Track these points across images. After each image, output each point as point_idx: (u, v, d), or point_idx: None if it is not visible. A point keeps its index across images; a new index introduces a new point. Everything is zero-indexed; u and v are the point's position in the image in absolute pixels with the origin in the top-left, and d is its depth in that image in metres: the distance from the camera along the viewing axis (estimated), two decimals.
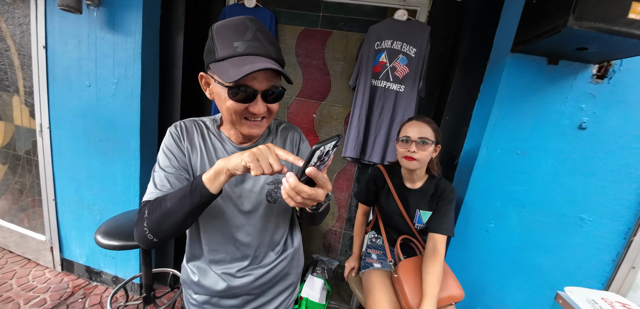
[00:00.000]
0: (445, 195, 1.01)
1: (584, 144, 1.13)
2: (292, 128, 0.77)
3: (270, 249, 0.75)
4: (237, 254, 0.71)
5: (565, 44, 0.96)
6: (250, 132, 0.61)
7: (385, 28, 1.38)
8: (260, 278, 0.73)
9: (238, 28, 0.54)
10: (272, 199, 0.70)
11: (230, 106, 0.56)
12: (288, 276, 0.80)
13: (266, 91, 0.57)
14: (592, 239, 1.21)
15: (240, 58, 0.53)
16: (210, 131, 0.69)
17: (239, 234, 0.70)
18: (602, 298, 0.74)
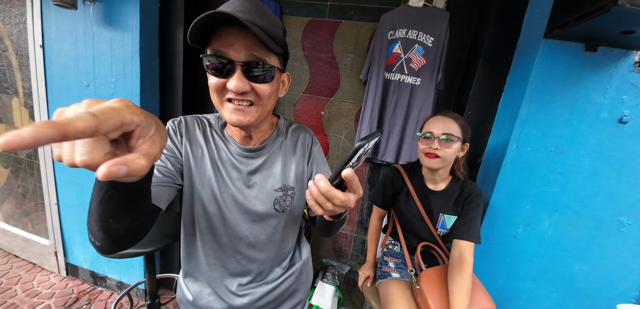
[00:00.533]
0: (472, 198, 0.92)
1: (625, 139, 1.02)
2: (304, 129, 0.70)
3: (276, 264, 0.68)
4: (237, 269, 0.63)
5: (610, 27, 0.85)
6: (232, 119, 0.52)
7: (400, 16, 1.27)
8: (264, 296, 0.66)
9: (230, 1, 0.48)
10: (281, 209, 0.63)
11: (211, 84, 0.50)
12: (296, 293, 0.73)
13: (247, 63, 0.48)
14: (631, 244, 1.10)
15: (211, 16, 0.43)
16: (213, 129, 0.62)
17: (240, 246, 0.62)
18: None
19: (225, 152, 0.60)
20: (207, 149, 0.59)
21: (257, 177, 0.61)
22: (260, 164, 0.62)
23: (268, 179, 0.62)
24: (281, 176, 0.62)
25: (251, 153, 0.61)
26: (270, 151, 0.63)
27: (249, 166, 0.61)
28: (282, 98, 1.60)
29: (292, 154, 0.65)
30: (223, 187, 0.59)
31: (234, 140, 0.61)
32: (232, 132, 0.62)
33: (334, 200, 0.38)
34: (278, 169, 0.63)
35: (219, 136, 0.61)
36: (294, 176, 0.64)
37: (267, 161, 0.62)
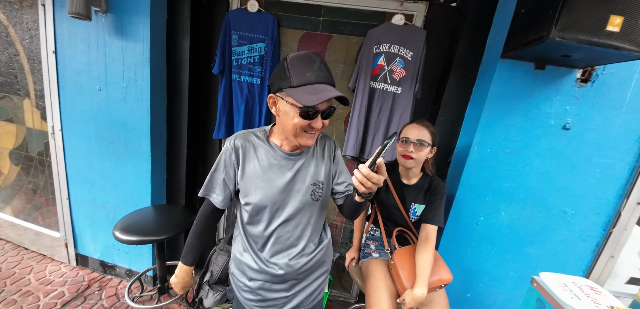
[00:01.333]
0: (437, 190, 1.10)
1: (569, 143, 1.22)
2: (328, 138, 0.90)
3: (311, 241, 0.86)
4: (290, 245, 0.83)
5: (550, 52, 1.04)
6: (306, 143, 0.73)
7: (384, 32, 1.44)
8: (304, 265, 0.84)
9: (308, 61, 0.69)
10: (315, 198, 0.81)
11: (297, 122, 0.69)
12: (324, 263, 0.92)
13: (325, 110, 0.71)
14: (575, 231, 1.31)
15: (312, 86, 0.67)
16: (261, 140, 0.81)
17: (290, 227, 0.81)
18: (573, 282, 0.83)
19: (273, 157, 0.79)
20: (257, 158, 0.79)
21: (300, 175, 0.80)
22: (300, 166, 0.81)
23: (306, 177, 0.81)
24: (315, 174, 0.81)
25: (294, 157, 0.80)
26: (307, 156, 0.82)
27: (293, 167, 0.80)
28: None
29: (321, 157, 0.85)
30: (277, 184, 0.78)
31: (280, 148, 0.80)
32: (280, 144, 0.80)
33: (372, 179, 0.59)
34: (312, 168, 0.82)
35: (266, 145, 0.80)
36: (323, 174, 0.83)
37: (304, 163, 0.81)
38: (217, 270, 1.68)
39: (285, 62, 0.69)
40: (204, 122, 1.81)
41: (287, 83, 0.68)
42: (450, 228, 1.37)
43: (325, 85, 0.68)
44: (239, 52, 1.61)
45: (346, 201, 0.83)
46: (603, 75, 1.16)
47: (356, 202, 0.73)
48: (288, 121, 0.71)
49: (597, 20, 0.86)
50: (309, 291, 0.89)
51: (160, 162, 1.71)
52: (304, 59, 0.68)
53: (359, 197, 0.69)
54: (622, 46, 0.87)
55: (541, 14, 0.93)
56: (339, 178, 0.87)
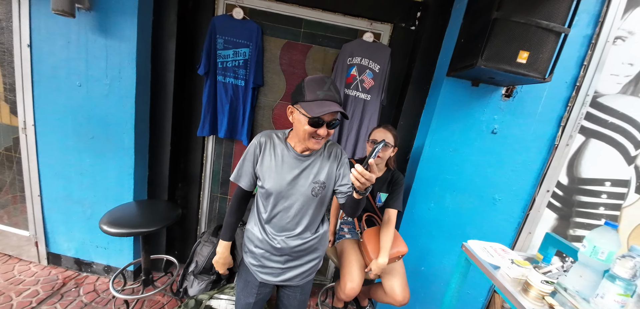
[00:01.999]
0: (397, 181, 1.36)
1: (496, 144, 1.56)
2: (336, 146, 1.07)
3: (308, 229, 1.03)
4: (288, 227, 1.00)
5: (480, 75, 1.34)
6: (313, 146, 0.91)
7: (356, 46, 1.67)
8: (299, 246, 1.02)
9: (320, 82, 0.87)
10: (314, 194, 0.98)
11: (307, 129, 0.87)
12: (317, 249, 1.09)
13: (329, 121, 0.88)
14: (502, 213, 1.67)
15: (321, 101, 0.84)
16: (281, 140, 0.99)
17: (290, 214, 0.99)
18: (490, 246, 1.13)
19: (287, 155, 0.97)
20: (274, 155, 0.97)
21: (305, 173, 0.97)
22: (307, 165, 0.98)
23: (310, 175, 0.97)
24: (317, 174, 0.98)
25: (303, 158, 0.97)
26: (313, 159, 0.99)
27: (302, 166, 0.97)
28: (262, 103, 1.90)
29: (327, 161, 1.00)
30: (284, 177, 0.96)
31: (292, 148, 0.98)
32: (294, 145, 0.98)
33: (365, 175, 0.76)
34: (316, 169, 0.98)
35: (283, 145, 0.99)
36: (326, 175, 0.99)
37: (310, 164, 0.98)
38: (202, 260, 1.79)
39: (303, 82, 0.88)
40: (187, 120, 1.88)
41: (301, 98, 0.87)
42: (408, 213, 1.65)
43: (331, 102, 0.85)
44: (224, 55, 1.73)
45: (347, 200, 0.97)
46: (521, 93, 1.51)
47: (355, 199, 0.89)
48: (300, 128, 0.89)
49: (511, 54, 1.16)
50: (301, 270, 1.07)
51: (142, 159, 1.76)
52: (317, 80, 0.87)
53: (357, 194, 0.87)
54: (528, 74, 1.19)
55: (472, 46, 1.22)
56: (342, 180, 1.00)
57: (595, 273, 0.89)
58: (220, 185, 2.04)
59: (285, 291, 1.11)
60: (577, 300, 0.89)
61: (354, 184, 0.80)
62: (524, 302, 0.84)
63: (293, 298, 1.11)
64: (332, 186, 1.02)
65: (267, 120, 1.90)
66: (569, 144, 1.60)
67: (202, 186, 2.02)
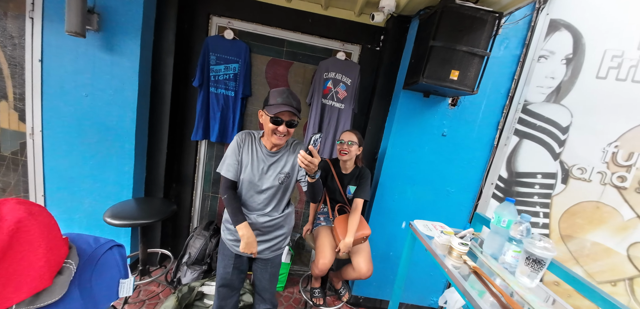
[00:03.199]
0: (364, 175, 1.64)
1: (447, 144, 1.88)
2: (300, 143, 1.32)
3: (275, 210, 1.27)
4: (258, 207, 1.24)
5: (428, 88, 1.66)
6: (277, 142, 1.15)
7: (331, 63, 1.97)
8: (267, 222, 1.25)
9: (280, 92, 1.12)
10: (280, 182, 1.23)
11: (270, 127, 1.12)
12: (283, 226, 1.32)
13: (288, 121, 1.12)
14: (456, 204, 1.98)
15: (278, 105, 1.09)
16: (256, 139, 1.24)
17: (260, 198, 1.22)
18: (433, 224, 1.42)
19: (261, 153, 1.20)
20: (251, 150, 1.20)
21: (273, 167, 1.22)
22: (275, 160, 1.22)
23: (277, 168, 1.22)
24: (283, 167, 1.22)
25: (272, 154, 1.21)
26: (281, 155, 1.23)
27: (270, 161, 1.21)
28: (250, 111, 2.15)
29: (291, 156, 1.25)
30: (256, 169, 1.20)
31: (264, 147, 1.21)
32: (265, 143, 1.21)
33: (307, 158, 1.00)
34: (282, 163, 1.23)
35: (258, 144, 1.22)
36: (290, 167, 1.24)
37: (278, 159, 1.23)
38: (195, 252, 1.99)
39: (269, 92, 1.15)
40: (182, 126, 2.11)
41: (267, 103, 1.14)
42: (377, 204, 1.93)
43: (286, 106, 1.10)
44: (217, 70, 1.98)
45: (307, 187, 1.20)
46: (464, 102, 1.84)
47: (310, 184, 1.16)
48: (266, 126, 1.15)
49: (445, 73, 1.48)
50: (269, 244, 1.29)
51: (141, 161, 1.96)
52: (278, 91, 1.13)
53: (309, 178, 1.12)
54: (459, 87, 1.51)
55: (418, 66, 1.54)
56: (302, 171, 1.22)
57: (501, 238, 1.19)
58: (212, 185, 2.26)
59: (258, 265, 1.34)
60: (488, 259, 1.18)
61: (301, 166, 1.03)
62: (447, 262, 1.11)
63: (265, 271, 1.34)
64: (295, 176, 1.26)
65: (254, 126, 2.16)
66: (507, 144, 1.94)
67: (194, 186, 2.23)
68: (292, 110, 1.10)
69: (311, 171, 1.07)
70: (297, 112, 1.13)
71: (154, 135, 1.98)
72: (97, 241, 0.64)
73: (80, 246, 0.60)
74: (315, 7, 1.93)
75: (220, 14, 1.97)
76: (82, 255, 0.59)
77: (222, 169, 1.22)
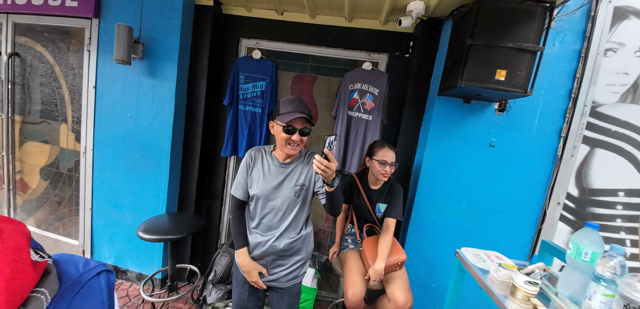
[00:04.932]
0: (395, 191, 1.47)
1: (495, 156, 1.63)
2: (315, 153, 1.22)
3: (292, 229, 1.15)
4: (274, 225, 1.13)
5: (468, 92, 1.48)
6: (290, 152, 1.08)
7: (357, 74, 1.90)
8: (283, 247, 1.13)
9: (291, 100, 1.07)
10: (297, 196, 1.13)
11: (283, 136, 1.05)
12: (300, 250, 1.19)
13: (301, 129, 1.05)
14: (510, 226, 1.67)
15: (290, 113, 1.03)
16: (267, 153, 1.18)
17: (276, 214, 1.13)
18: (485, 253, 1.18)
19: (272, 165, 1.14)
20: (262, 166, 1.14)
21: (288, 179, 1.14)
22: (289, 172, 1.14)
23: (292, 180, 1.13)
24: (298, 178, 1.14)
25: (285, 166, 1.13)
26: (294, 166, 1.16)
27: (284, 173, 1.14)
28: None
29: (306, 167, 1.15)
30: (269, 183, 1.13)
31: (276, 159, 1.14)
32: (277, 155, 1.15)
33: (322, 164, 0.90)
34: (297, 175, 1.14)
35: (269, 157, 1.16)
36: (306, 179, 1.14)
37: (293, 171, 1.15)
38: (220, 270, 1.96)
39: (278, 102, 1.10)
40: (213, 143, 2.18)
41: (278, 113, 1.07)
42: (413, 226, 1.72)
43: (299, 113, 1.02)
44: (245, 88, 2.04)
45: (326, 198, 1.07)
46: (514, 107, 1.60)
47: (329, 194, 1.04)
48: (278, 137, 1.08)
49: (487, 73, 1.30)
50: (286, 271, 1.16)
51: (175, 176, 2.04)
52: (289, 99, 1.08)
53: (327, 187, 1.01)
54: (509, 89, 1.30)
55: (455, 69, 1.38)
56: (319, 182, 1.13)
57: (583, 275, 0.92)
58: None
59: (274, 294, 1.21)
60: (567, 304, 0.91)
61: (317, 171, 0.92)
62: (509, 305, 0.86)
63: (281, 302, 1.20)
64: (311, 187, 1.15)
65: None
66: (574, 154, 1.62)
67: (223, 201, 2.25)
68: (304, 116, 1.03)
69: (328, 178, 0.96)
70: (310, 119, 1.07)
71: (188, 152, 2.07)
72: (86, 265, 0.57)
73: (67, 270, 0.54)
74: (339, 20, 1.90)
75: (249, 36, 2.05)
76: (65, 280, 0.53)
77: (234, 185, 1.17)
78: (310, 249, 1.25)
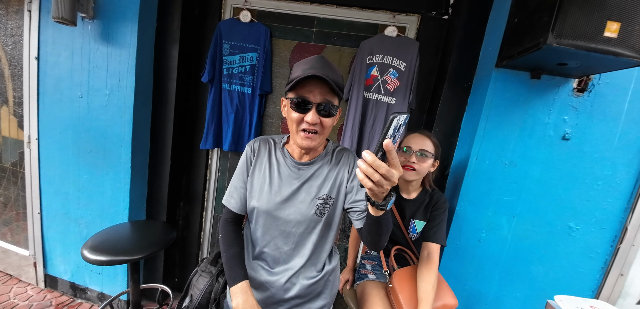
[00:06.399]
0: (439, 205, 1.03)
1: (569, 153, 1.17)
2: (347, 151, 0.83)
3: (311, 264, 0.77)
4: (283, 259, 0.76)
5: (547, 60, 1.01)
6: (303, 144, 0.68)
7: (377, 43, 1.43)
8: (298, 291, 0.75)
9: (306, 60, 0.69)
10: (319, 213, 0.74)
11: (293, 117, 0.68)
12: (321, 295, 0.81)
13: (320, 104, 0.66)
14: (581, 247, 1.24)
15: (304, 77, 0.64)
16: (277, 146, 0.78)
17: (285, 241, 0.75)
18: (591, 306, 0.75)
19: (284, 165, 0.77)
20: (269, 165, 0.78)
21: (306, 187, 0.74)
22: (308, 176, 0.75)
23: (312, 189, 0.74)
24: (322, 186, 0.74)
25: (302, 166, 0.76)
26: (317, 167, 0.76)
27: (301, 178, 0.74)
28: (270, 112, 1.69)
29: (334, 168, 0.77)
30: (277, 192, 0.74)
31: (291, 156, 0.78)
32: (291, 151, 0.78)
33: (380, 169, 0.46)
34: (320, 181, 0.75)
35: (280, 152, 0.79)
36: (334, 188, 0.75)
37: (313, 174, 0.75)
38: (197, 294, 1.52)
39: (291, 68, 0.71)
40: (190, 133, 1.73)
41: (288, 82, 0.69)
42: (451, 246, 1.28)
43: (314, 71, 0.63)
44: (230, 61, 1.58)
45: (365, 222, 0.68)
46: (599, 86, 1.14)
47: (373, 219, 0.60)
48: (289, 120, 0.70)
49: (594, 26, 0.83)
50: None
51: (141, 175, 1.61)
52: (306, 59, 0.70)
53: (373, 208, 0.58)
54: (621, 52, 0.84)
55: (536, 21, 0.91)
56: (357, 195, 0.74)
57: None
58: None
59: None
60: None
61: (363, 182, 0.50)
62: None
63: None
64: (341, 201, 0.75)
65: (275, 130, 1.69)
66: None
67: (204, 205, 1.82)
68: (326, 79, 0.63)
69: (380, 196, 0.52)
70: (336, 89, 0.65)
71: (157, 143, 1.63)
72: None
73: None
74: None
75: None
76: None
77: (227, 193, 0.81)
78: (335, 291, 0.86)
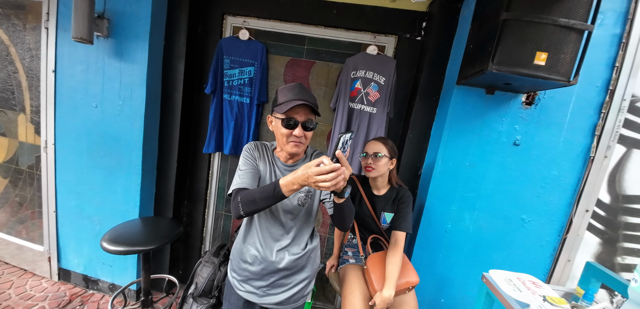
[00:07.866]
0: (404, 199, 1.24)
1: (520, 157, 1.39)
2: (322, 154, 1.03)
3: (295, 243, 0.97)
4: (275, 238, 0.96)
5: (494, 80, 1.23)
6: (292, 150, 0.89)
7: (360, 60, 1.63)
8: (286, 264, 0.95)
9: (291, 87, 0.89)
10: (300, 203, 0.95)
11: (283, 132, 0.88)
12: (305, 268, 1.01)
13: (304, 121, 0.87)
14: (533, 237, 1.46)
15: (290, 101, 0.85)
16: (269, 151, 0.99)
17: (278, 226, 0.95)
18: (518, 278, 0.96)
19: (276, 167, 0.97)
20: (268, 163, 0.96)
21: None
22: None
23: None
24: None
25: (290, 168, 0.96)
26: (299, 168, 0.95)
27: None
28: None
29: None
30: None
31: (279, 160, 0.97)
32: (279, 155, 0.98)
33: (335, 168, 0.68)
34: None
35: (271, 157, 0.98)
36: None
37: None
38: (201, 282, 1.72)
39: (277, 91, 0.91)
40: (194, 138, 1.91)
41: (276, 104, 0.89)
42: (422, 236, 1.49)
43: (300, 100, 0.84)
44: (231, 74, 1.76)
45: (334, 209, 0.89)
46: (544, 99, 1.36)
47: (338, 206, 0.85)
48: (278, 133, 0.90)
49: (527, 55, 1.05)
50: (287, 294, 0.98)
51: (150, 176, 1.78)
52: (289, 86, 0.90)
53: (336, 197, 0.81)
54: (549, 76, 1.06)
55: (482, 51, 1.13)
56: None
57: None
58: (225, 203, 2.01)
59: None
60: None
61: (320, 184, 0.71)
62: None
63: None
64: (318, 194, 0.98)
65: (271, 135, 1.88)
66: (607, 155, 1.39)
67: (207, 204, 2.00)
68: (308, 104, 0.84)
69: (339, 188, 0.74)
70: (315, 109, 0.88)
71: (164, 147, 1.80)
72: None
73: None
74: None
75: (235, 12, 1.77)
76: None
77: (236, 181, 0.90)
78: (317, 266, 1.08)
